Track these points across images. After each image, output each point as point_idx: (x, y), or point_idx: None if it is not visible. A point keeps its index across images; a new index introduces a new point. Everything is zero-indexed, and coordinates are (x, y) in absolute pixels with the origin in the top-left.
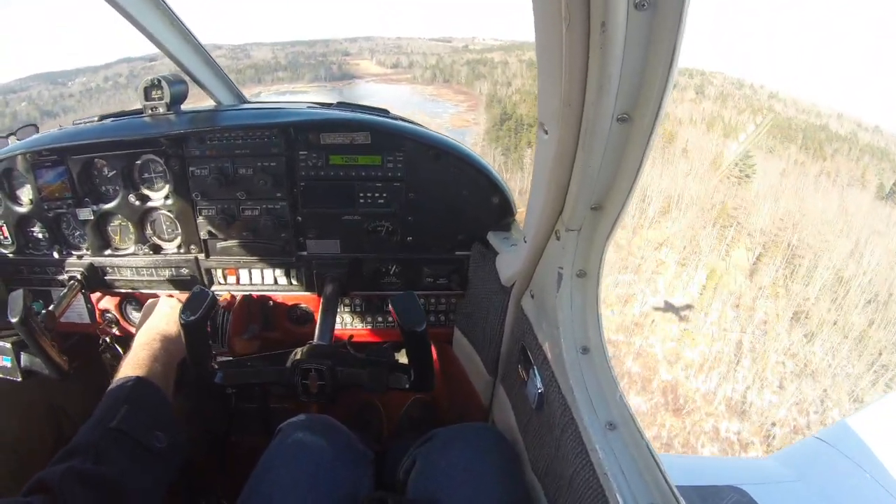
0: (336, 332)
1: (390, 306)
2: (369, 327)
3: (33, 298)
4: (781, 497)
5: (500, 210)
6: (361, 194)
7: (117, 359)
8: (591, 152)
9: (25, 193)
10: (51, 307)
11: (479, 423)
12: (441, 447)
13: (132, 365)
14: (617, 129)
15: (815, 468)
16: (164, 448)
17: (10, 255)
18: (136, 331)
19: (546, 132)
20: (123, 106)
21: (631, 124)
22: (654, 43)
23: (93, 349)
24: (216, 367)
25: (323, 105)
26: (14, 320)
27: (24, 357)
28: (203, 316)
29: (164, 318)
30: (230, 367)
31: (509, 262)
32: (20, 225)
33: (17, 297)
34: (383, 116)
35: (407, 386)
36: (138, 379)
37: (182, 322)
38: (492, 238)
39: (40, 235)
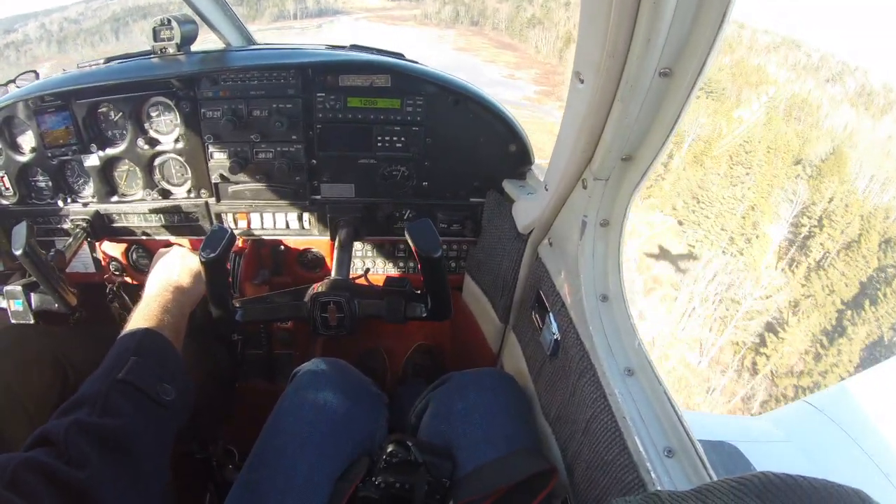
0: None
1: (406, 233)
2: (382, 272)
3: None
4: (770, 456)
5: (517, 158)
6: (379, 138)
7: (125, 308)
8: (629, 104)
9: (27, 141)
10: (61, 248)
11: (493, 368)
12: (456, 390)
13: (142, 317)
14: (658, 83)
15: (804, 431)
16: (171, 400)
17: (12, 207)
18: (147, 280)
19: (582, 81)
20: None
21: (672, 79)
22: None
23: (98, 300)
24: (236, 304)
25: (337, 47)
26: (18, 252)
27: (34, 298)
28: (222, 253)
29: (175, 268)
30: (249, 303)
31: (528, 210)
32: (22, 174)
33: (20, 229)
34: (399, 59)
35: (424, 315)
36: (147, 331)
37: (202, 260)
38: (507, 186)
39: (43, 184)
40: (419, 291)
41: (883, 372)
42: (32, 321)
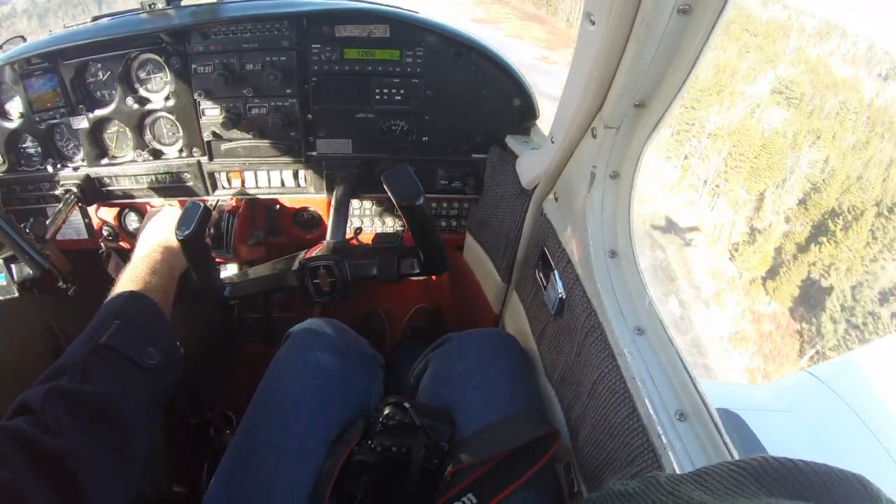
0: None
1: (383, 182)
2: (380, 230)
3: (28, 217)
4: (771, 425)
5: (521, 112)
6: (377, 90)
7: (121, 269)
8: (644, 45)
9: (15, 107)
10: (47, 221)
11: (495, 329)
12: (457, 351)
13: (128, 279)
14: (676, 21)
15: (805, 401)
16: (156, 364)
17: (2, 175)
18: (137, 241)
19: (593, 23)
20: None
21: (691, 16)
22: None
23: (92, 266)
24: (223, 281)
25: None
26: None
27: (15, 269)
28: (197, 229)
29: (164, 228)
30: (237, 278)
31: (532, 164)
32: (11, 141)
33: None
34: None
35: (418, 270)
36: (132, 293)
37: (178, 238)
38: (511, 141)
39: (33, 150)
40: (414, 246)
41: (885, 346)
42: (17, 294)
